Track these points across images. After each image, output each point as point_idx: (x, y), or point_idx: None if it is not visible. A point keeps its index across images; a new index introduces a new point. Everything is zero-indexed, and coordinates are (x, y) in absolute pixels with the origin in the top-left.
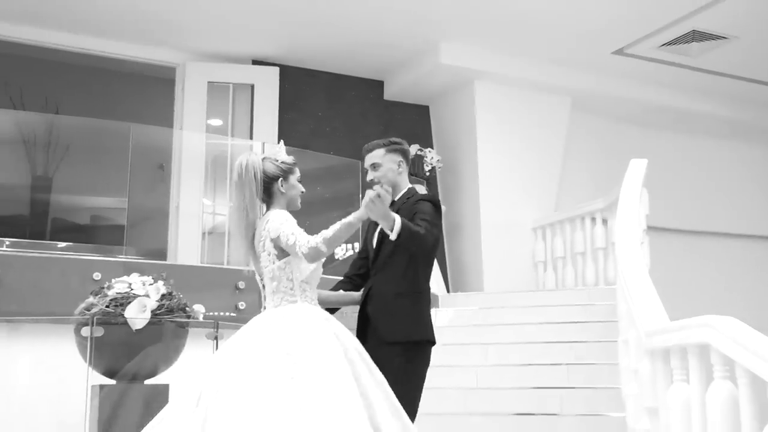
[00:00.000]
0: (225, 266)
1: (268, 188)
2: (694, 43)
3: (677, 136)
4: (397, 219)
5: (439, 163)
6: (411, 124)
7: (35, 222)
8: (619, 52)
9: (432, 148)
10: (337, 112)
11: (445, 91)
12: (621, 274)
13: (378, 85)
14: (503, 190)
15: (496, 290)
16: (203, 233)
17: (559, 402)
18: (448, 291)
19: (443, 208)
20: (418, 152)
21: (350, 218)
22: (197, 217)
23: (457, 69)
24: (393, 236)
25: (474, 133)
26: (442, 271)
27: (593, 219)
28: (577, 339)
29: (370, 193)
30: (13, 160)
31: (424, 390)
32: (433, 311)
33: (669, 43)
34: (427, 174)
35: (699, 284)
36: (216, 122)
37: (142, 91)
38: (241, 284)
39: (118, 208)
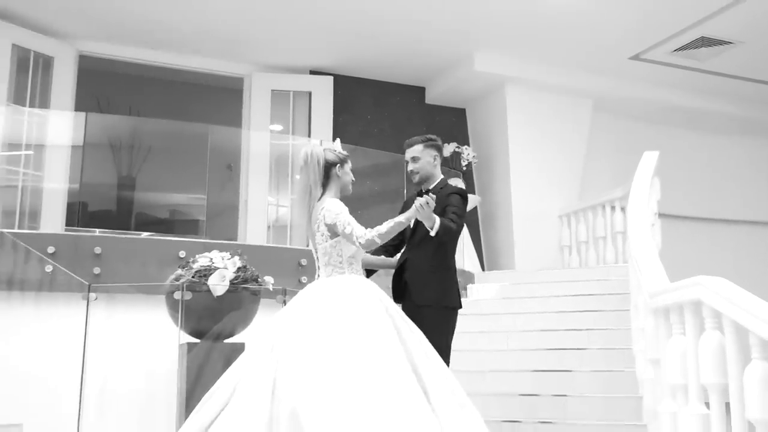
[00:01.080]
0: (289, 246)
1: (327, 172)
2: (703, 48)
3: (689, 132)
4: (437, 221)
5: (475, 159)
6: (449, 125)
7: (121, 216)
8: (635, 57)
9: (468, 145)
10: (384, 115)
11: (480, 95)
12: (631, 247)
13: (420, 91)
14: (532, 183)
15: (526, 269)
16: (268, 226)
17: (579, 360)
18: (483, 269)
19: (479, 198)
20: (456, 149)
21: (401, 218)
22: (263, 212)
23: (490, 75)
24: (433, 233)
25: (505, 132)
26: (478, 253)
27: (613, 207)
28: (595, 308)
29: (420, 200)
30: (102, 161)
31: (463, 351)
32: (469, 286)
33: (680, 49)
34: (464, 168)
35: (709, 267)
36: (277, 127)
37: (214, 100)
38: (303, 261)
39: (195, 204)
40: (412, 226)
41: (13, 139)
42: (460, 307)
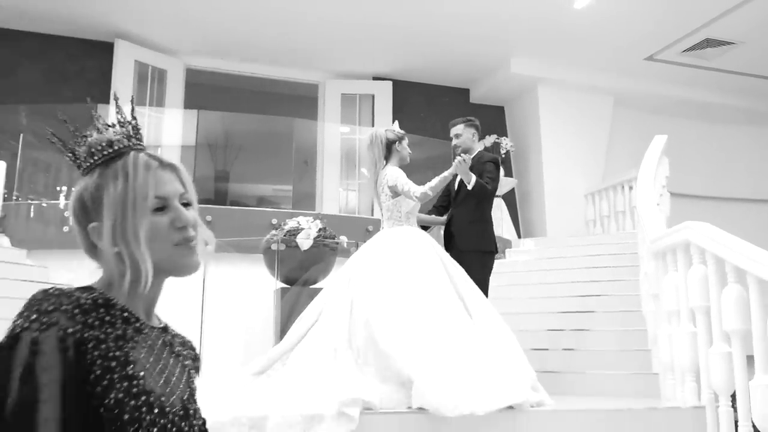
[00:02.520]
0: (357, 216)
1: (389, 147)
2: (708, 48)
3: (700, 123)
4: (473, 178)
5: (512, 147)
6: (491, 120)
7: (218, 205)
8: (650, 58)
9: (507, 137)
10: (434, 113)
11: (516, 95)
12: (637, 206)
13: (465, 92)
14: (561, 167)
15: (556, 236)
16: (339, 210)
17: (597, 303)
18: (519, 237)
19: (515, 181)
20: (496, 140)
21: (445, 174)
22: (335, 199)
23: (524, 77)
24: (470, 187)
25: (538, 125)
26: (515, 225)
27: (631, 186)
28: (612, 265)
29: (458, 159)
30: (202, 158)
31: (500, 298)
32: (507, 250)
33: (688, 50)
34: (503, 156)
35: None
36: (345, 129)
37: (294, 104)
38: (370, 227)
39: (280, 195)
40: (456, 189)
41: None
42: (496, 251)
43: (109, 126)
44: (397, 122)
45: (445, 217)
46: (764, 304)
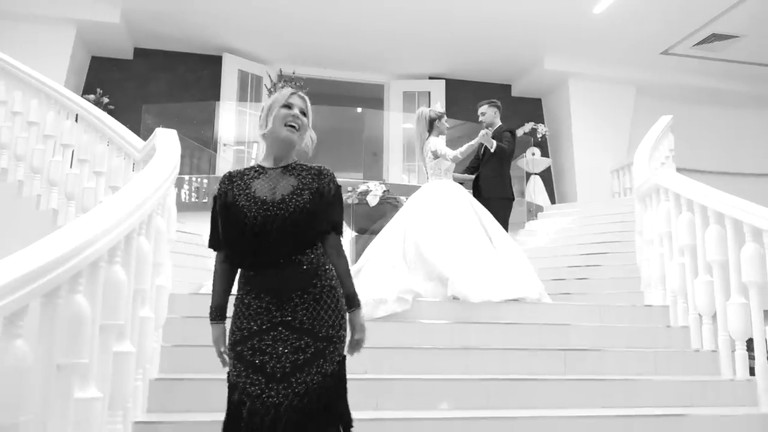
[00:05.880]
0: (415, 184)
1: (431, 123)
2: (715, 42)
3: (711, 107)
4: (494, 143)
5: (548, 132)
6: (530, 110)
7: None
8: (665, 52)
9: (543, 123)
10: None
11: (550, 88)
12: (633, 164)
13: (507, 87)
14: (590, 148)
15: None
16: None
17: (613, 247)
18: (552, 203)
19: (550, 160)
20: (533, 127)
21: (472, 142)
22: (399, 181)
23: (557, 73)
24: (492, 150)
25: (570, 113)
26: (549, 194)
27: None
28: (628, 219)
29: (482, 131)
30: None
31: (544, 245)
32: (539, 214)
33: (698, 44)
34: (540, 139)
35: None
36: (407, 125)
37: (363, 103)
38: None
39: (353, 182)
40: (482, 153)
41: (238, 137)
42: (513, 198)
43: (285, 82)
44: (439, 102)
45: (474, 176)
46: (705, 225)
